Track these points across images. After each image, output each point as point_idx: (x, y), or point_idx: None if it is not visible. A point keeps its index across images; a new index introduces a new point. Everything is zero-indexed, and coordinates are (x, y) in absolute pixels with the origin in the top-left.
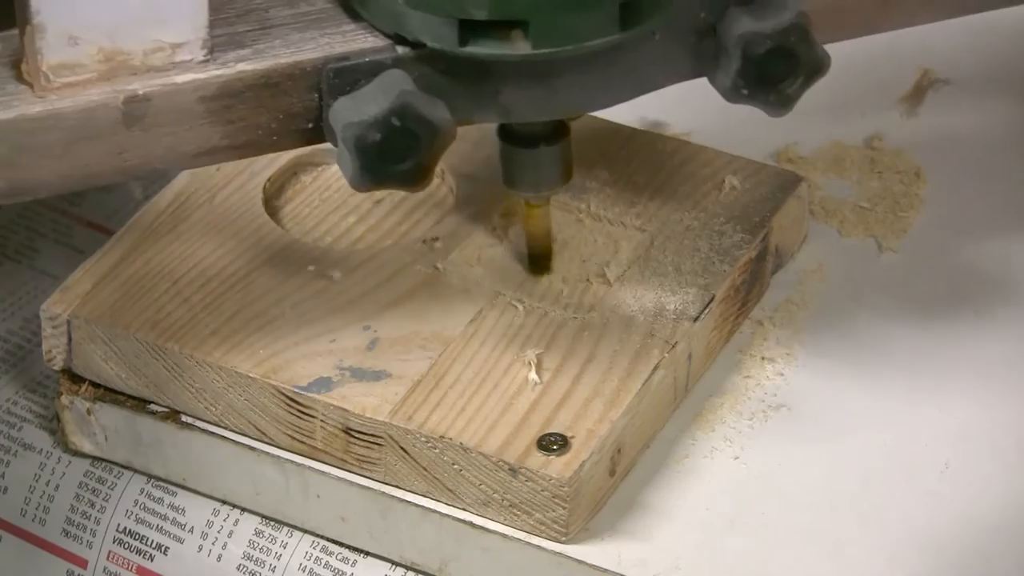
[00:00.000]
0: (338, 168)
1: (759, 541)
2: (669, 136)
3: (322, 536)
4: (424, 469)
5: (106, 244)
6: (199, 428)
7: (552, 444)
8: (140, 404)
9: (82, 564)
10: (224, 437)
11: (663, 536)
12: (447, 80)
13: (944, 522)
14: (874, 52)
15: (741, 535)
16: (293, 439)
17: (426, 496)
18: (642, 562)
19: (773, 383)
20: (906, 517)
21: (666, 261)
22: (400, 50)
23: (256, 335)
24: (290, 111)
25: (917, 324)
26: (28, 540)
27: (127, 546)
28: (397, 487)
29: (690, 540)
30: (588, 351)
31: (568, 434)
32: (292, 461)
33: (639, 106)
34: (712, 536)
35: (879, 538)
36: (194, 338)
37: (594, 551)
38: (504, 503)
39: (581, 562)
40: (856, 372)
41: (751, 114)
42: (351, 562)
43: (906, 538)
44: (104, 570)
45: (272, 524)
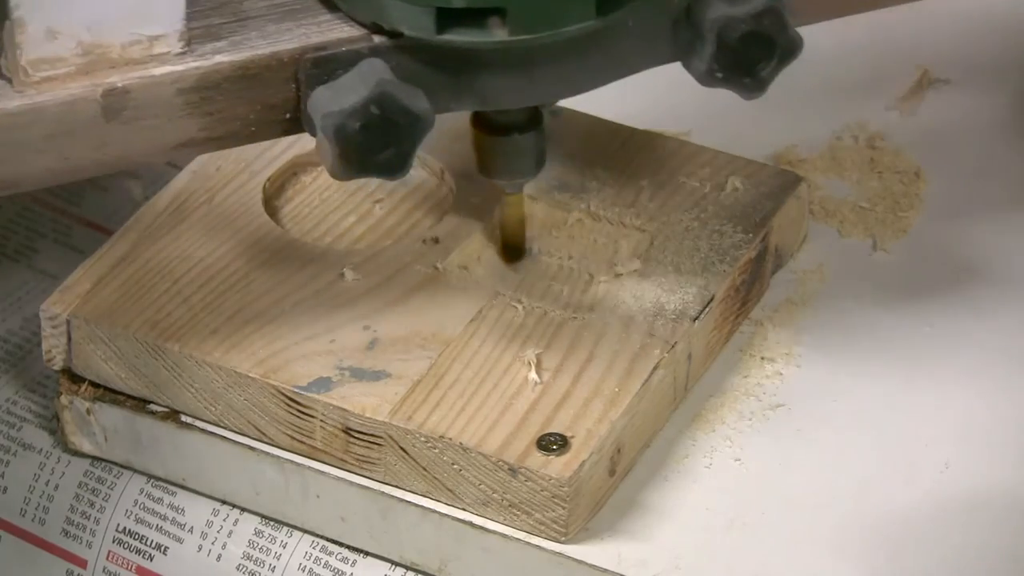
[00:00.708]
0: None
1: (759, 541)
2: (669, 136)
3: (322, 536)
4: (424, 469)
5: (106, 244)
6: (199, 428)
7: (552, 444)
8: (140, 404)
9: (82, 564)
10: (224, 437)
11: (663, 536)
12: (425, 69)
13: (944, 522)
14: (874, 52)
15: (741, 535)
16: (293, 439)
17: (426, 496)
18: (642, 562)
19: (773, 383)
20: (906, 517)
21: (666, 261)
22: (377, 39)
23: (256, 335)
24: (268, 102)
25: (917, 324)
26: (28, 540)
27: (127, 546)
28: (397, 487)
29: (690, 540)
30: (588, 351)
31: (568, 434)
32: (292, 461)
33: (638, 106)
34: (712, 536)
35: (879, 538)
36: (194, 338)
37: (594, 551)
38: (504, 503)
39: (581, 562)
40: (856, 372)
41: (751, 114)
42: (351, 562)
43: (906, 538)
44: (104, 570)
45: (272, 524)
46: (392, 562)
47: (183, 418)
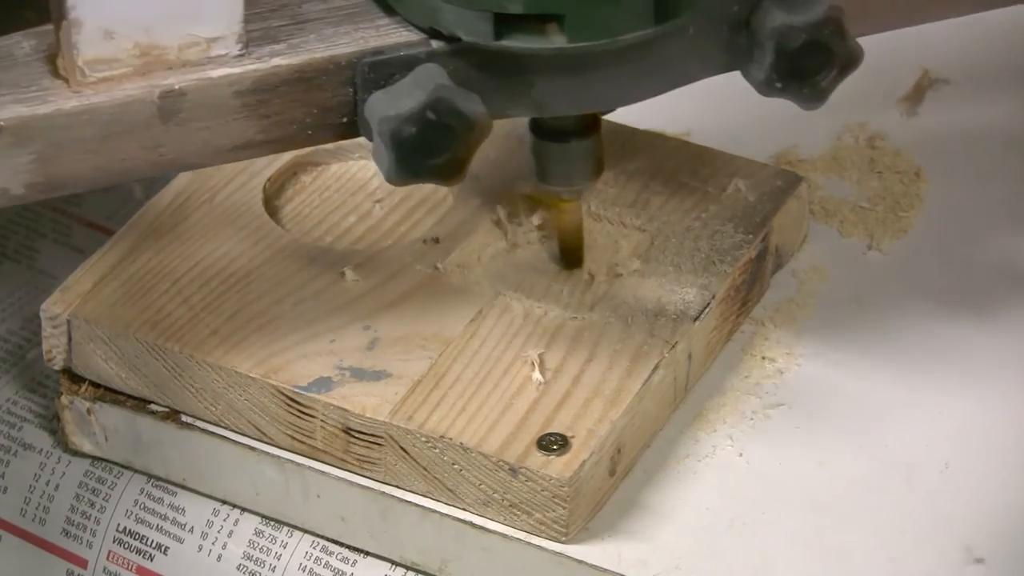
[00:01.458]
0: (338, 168)
1: (759, 541)
2: (669, 136)
3: (322, 536)
4: (424, 469)
5: (106, 244)
6: (199, 428)
7: (552, 444)
8: (140, 404)
9: (82, 564)
10: (224, 437)
11: (663, 536)
12: (481, 74)
13: (944, 522)
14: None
15: (741, 535)
16: (293, 439)
17: (426, 496)
18: (642, 562)
19: (773, 383)
20: (906, 517)
21: (666, 261)
22: (435, 44)
23: (256, 335)
24: (325, 105)
25: (917, 324)
26: (28, 540)
27: (127, 546)
28: (397, 487)
29: (690, 540)
30: (588, 351)
31: (568, 434)
32: (292, 461)
33: (639, 106)
34: (712, 536)
35: (879, 538)
36: (194, 338)
37: (594, 551)
38: (504, 503)
39: (581, 562)
40: (856, 372)
41: (751, 114)
42: (351, 562)
43: (906, 538)
44: (104, 570)
45: (272, 524)
46: (392, 562)
47: (183, 418)
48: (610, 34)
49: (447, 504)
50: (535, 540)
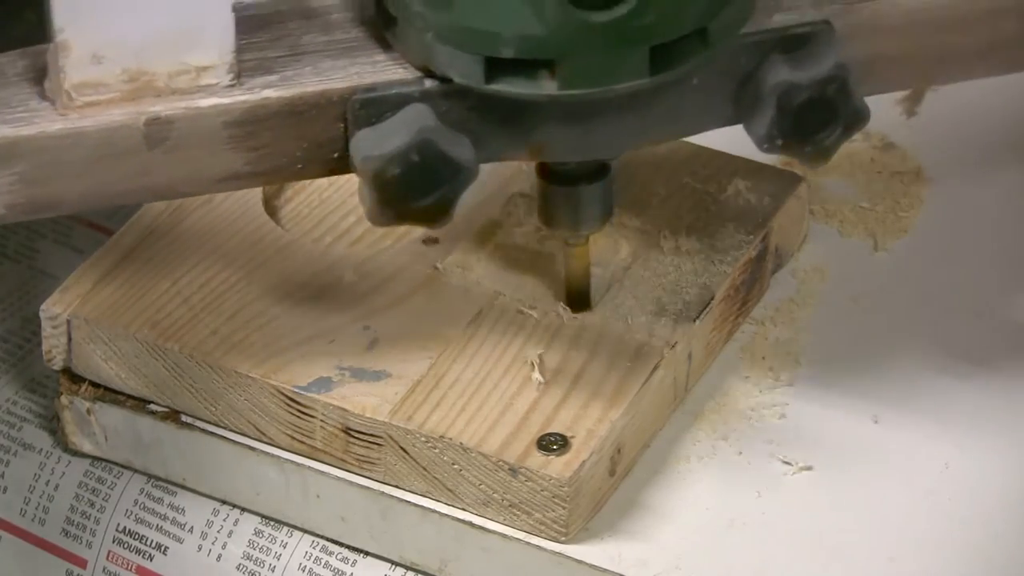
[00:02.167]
0: None
1: (759, 541)
2: None
3: (322, 536)
4: (424, 469)
5: (106, 244)
6: (199, 428)
7: (552, 444)
8: (140, 404)
9: (82, 564)
10: (224, 437)
11: (663, 536)
12: (475, 116)
13: (944, 522)
14: None
15: (741, 535)
16: (293, 439)
17: (426, 496)
18: (642, 562)
19: (773, 383)
20: (906, 517)
21: (666, 261)
22: (428, 83)
23: (256, 335)
24: (316, 140)
25: (917, 324)
26: (28, 540)
27: (127, 546)
28: (397, 487)
29: (690, 540)
30: (588, 351)
31: (568, 434)
32: (292, 461)
33: None
34: (712, 536)
35: (879, 538)
36: (194, 338)
37: (594, 551)
38: (504, 503)
39: (581, 562)
40: (856, 372)
41: None
42: (351, 562)
43: (906, 538)
44: (104, 570)
45: (272, 524)
46: (392, 562)
47: (183, 418)
48: (604, 83)
49: (447, 504)
50: (535, 540)
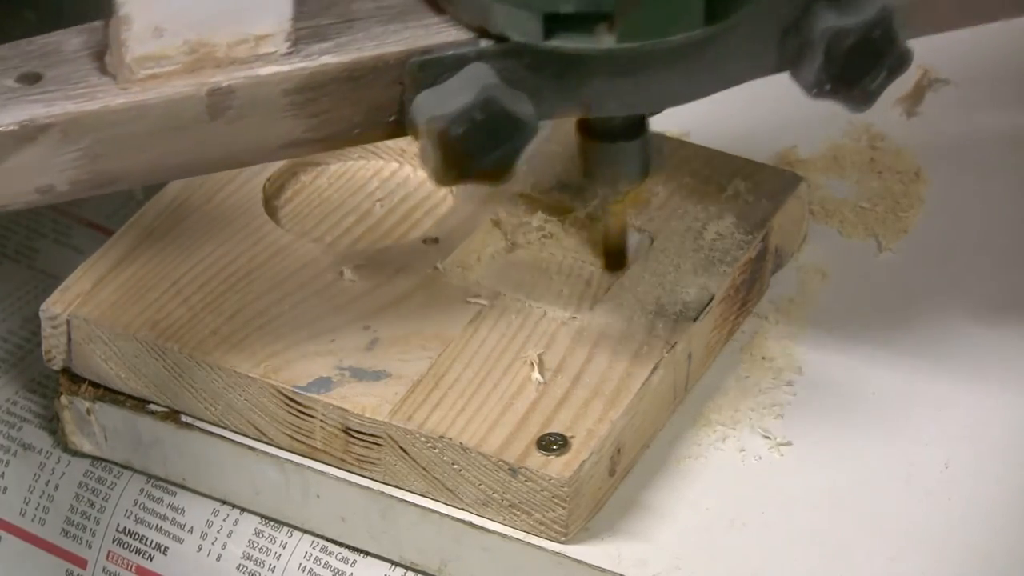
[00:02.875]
0: (338, 168)
1: (759, 541)
2: (669, 136)
3: (322, 536)
4: (424, 469)
5: (106, 244)
6: (199, 428)
7: (552, 444)
8: (140, 404)
9: (81, 564)
10: (224, 437)
11: (663, 536)
12: (530, 74)
13: (944, 522)
14: None
15: (741, 535)
16: (293, 439)
17: (426, 496)
18: (642, 562)
19: (773, 383)
20: (906, 517)
21: (666, 261)
22: (484, 43)
23: (256, 335)
24: (373, 104)
25: (917, 324)
26: (28, 540)
27: (127, 546)
28: (397, 487)
29: (690, 540)
30: (588, 351)
31: (568, 434)
32: (292, 461)
33: None
34: (712, 536)
35: (879, 538)
36: (194, 338)
37: (594, 551)
38: (504, 503)
39: (581, 562)
40: (855, 373)
41: (751, 114)
42: (351, 562)
43: (906, 538)
44: (104, 570)
45: (272, 524)
46: (392, 562)
47: (183, 418)
48: (660, 35)
49: (446, 504)
50: (534, 540)
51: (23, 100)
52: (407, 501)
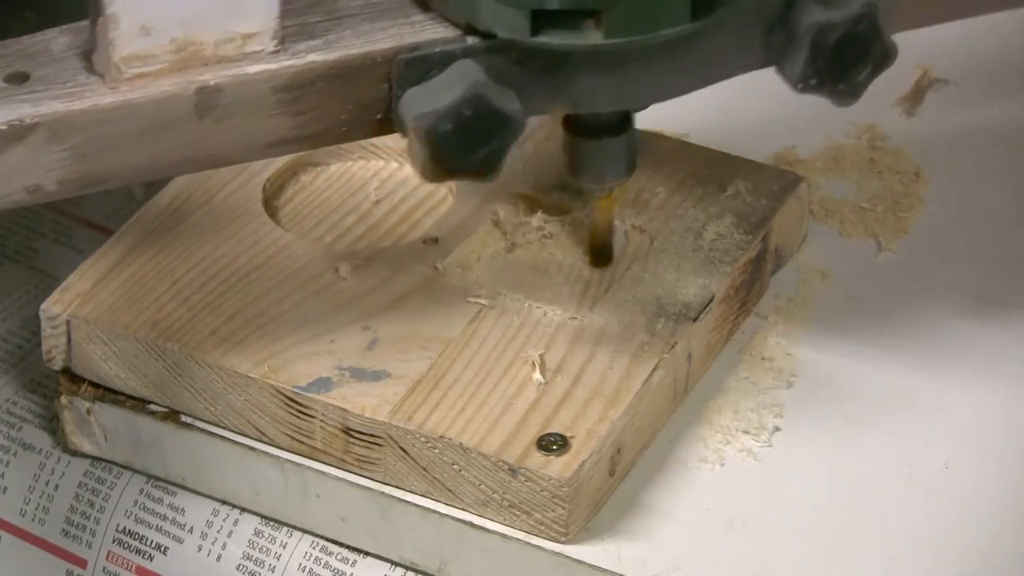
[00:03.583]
0: (337, 168)
1: (759, 541)
2: (669, 136)
3: (322, 536)
4: (424, 469)
5: (106, 244)
6: (199, 428)
7: (552, 444)
8: (140, 404)
9: (81, 564)
10: (224, 437)
11: (663, 536)
12: (518, 70)
13: (944, 522)
14: None
15: (741, 535)
16: (293, 439)
17: (426, 496)
18: (642, 562)
19: (773, 383)
20: (906, 517)
21: (666, 261)
22: (471, 40)
23: (256, 335)
24: (361, 101)
25: (916, 325)
26: (28, 540)
27: (127, 546)
28: (397, 487)
29: (690, 540)
30: (588, 351)
31: (568, 434)
32: (292, 461)
33: None
34: (712, 536)
35: (879, 538)
36: (194, 338)
37: (594, 551)
38: (504, 503)
39: (581, 562)
40: (856, 372)
41: (751, 114)
42: (351, 562)
43: (906, 538)
44: (104, 570)
45: (272, 524)
46: (392, 562)
47: (183, 418)
48: (647, 30)
49: (446, 504)
50: (534, 540)
51: (11, 100)
52: (407, 501)
